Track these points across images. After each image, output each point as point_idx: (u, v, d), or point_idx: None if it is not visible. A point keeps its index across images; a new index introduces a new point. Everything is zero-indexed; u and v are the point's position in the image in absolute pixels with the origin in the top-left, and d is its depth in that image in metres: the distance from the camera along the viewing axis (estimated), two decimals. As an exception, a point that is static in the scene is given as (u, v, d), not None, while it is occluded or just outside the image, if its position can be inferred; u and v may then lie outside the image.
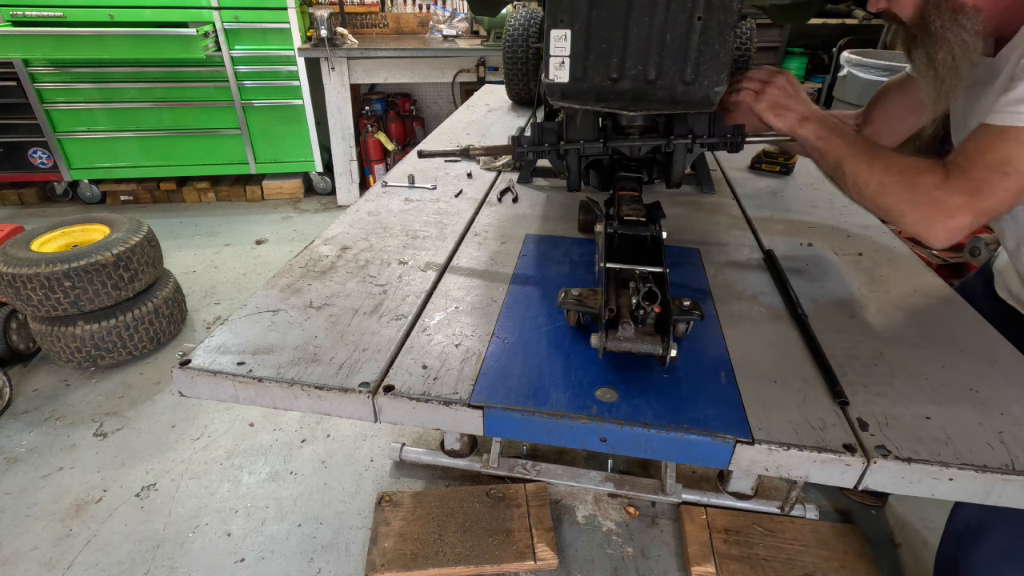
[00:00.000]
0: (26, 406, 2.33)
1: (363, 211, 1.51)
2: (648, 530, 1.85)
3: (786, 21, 2.86)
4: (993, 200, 0.90)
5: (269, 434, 2.20)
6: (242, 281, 3.30)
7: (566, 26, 0.98)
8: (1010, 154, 0.88)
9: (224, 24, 3.67)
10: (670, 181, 1.21)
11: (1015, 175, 0.88)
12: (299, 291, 1.14)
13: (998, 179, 0.89)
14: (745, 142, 1.16)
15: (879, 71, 3.52)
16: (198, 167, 4.19)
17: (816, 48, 4.87)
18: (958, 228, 0.93)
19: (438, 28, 4.27)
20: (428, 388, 0.89)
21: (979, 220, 0.93)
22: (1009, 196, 0.90)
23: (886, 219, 1.00)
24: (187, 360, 0.93)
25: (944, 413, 0.86)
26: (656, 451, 0.84)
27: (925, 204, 0.94)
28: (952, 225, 0.93)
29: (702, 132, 1.15)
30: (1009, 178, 0.89)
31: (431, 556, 1.66)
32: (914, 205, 0.96)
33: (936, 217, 0.93)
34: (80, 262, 2.24)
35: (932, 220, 0.94)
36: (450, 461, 2.02)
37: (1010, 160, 0.88)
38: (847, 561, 1.67)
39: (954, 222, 0.92)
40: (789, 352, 0.99)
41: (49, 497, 1.94)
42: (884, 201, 0.99)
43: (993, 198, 0.90)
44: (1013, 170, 0.88)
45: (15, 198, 4.21)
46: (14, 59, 3.58)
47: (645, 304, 0.85)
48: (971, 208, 0.91)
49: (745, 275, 1.26)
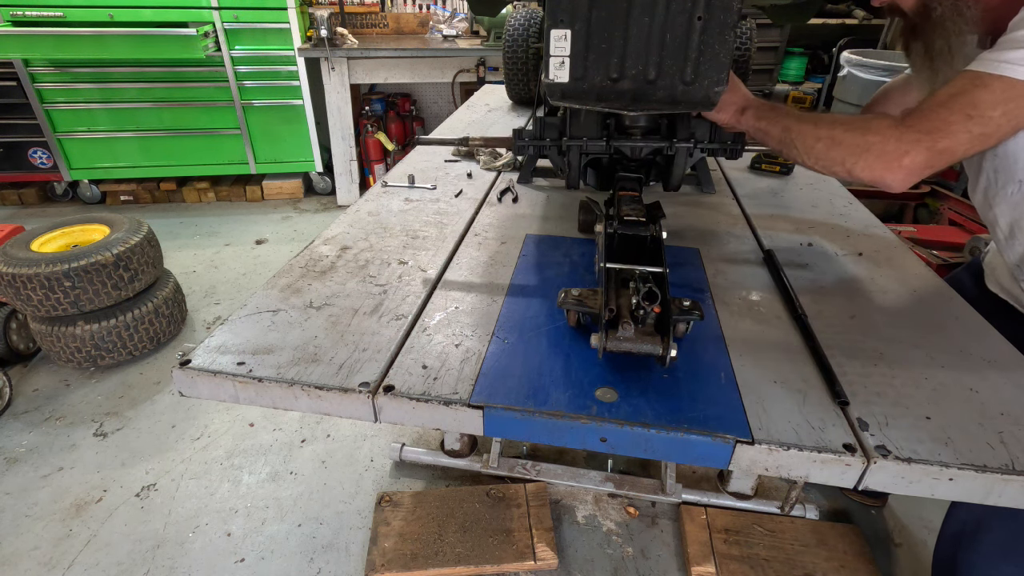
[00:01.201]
0: (26, 406, 2.33)
1: (363, 211, 1.51)
2: (648, 530, 1.85)
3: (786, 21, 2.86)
4: (951, 140, 0.90)
5: (269, 434, 2.20)
6: (242, 281, 3.30)
7: (566, 26, 0.98)
8: (977, 99, 0.89)
9: (224, 24, 3.68)
10: (669, 184, 1.22)
11: (979, 119, 0.88)
12: (299, 291, 1.14)
13: (960, 120, 0.89)
14: (744, 150, 1.17)
15: (879, 71, 3.52)
16: (198, 167, 4.19)
17: (816, 48, 4.87)
18: (914, 165, 0.92)
19: (438, 28, 4.27)
20: (428, 388, 0.89)
21: (935, 161, 0.92)
22: (968, 140, 0.90)
23: (841, 173, 0.98)
24: (187, 360, 0.93)
25: (944, 413, 0.86)
26: (656, 451, 0.84)
27: (878, 144, 0.94)
28: (907, 162, 0.92)
29: (704, 137, 1.15)
30: (972, 121, 0.89)
31: (431, 556, 1.66)
32: (866, 149, 0.95)
33: (891, 154, 0.93)
34: (80, 262, 2.24)
35: (887, 157, 0.93)
36: (450, 461, 2.02)
37: (976, 104, 0.89)
38: (847, 561, 1.67)
39: (909, 159, 0.92)
40: (789, 352, 0.99)
41: (49, 497, 1.94)
42: (837, 153, 0.98)
43: (951, 138, 0.90)
44: (977, 113, 0.88)
45: (15, 198, 4.21)
46: (14, 59, 3.58)
47: (645, 304, 0.85)
48: (927, 145, 0.91)
49: (745, 275, 1.26)
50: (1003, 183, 1.08)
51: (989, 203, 1.14)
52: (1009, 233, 1.13)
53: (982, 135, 0.89)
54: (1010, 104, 0.88)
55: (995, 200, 1.12)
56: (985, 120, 0.88)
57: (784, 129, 1.05)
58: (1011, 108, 0.88)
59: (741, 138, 1.16)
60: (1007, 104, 0.88)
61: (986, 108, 0.88)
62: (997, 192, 1.10)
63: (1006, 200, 1.10)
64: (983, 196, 1.15)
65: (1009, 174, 1.06)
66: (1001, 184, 1.09)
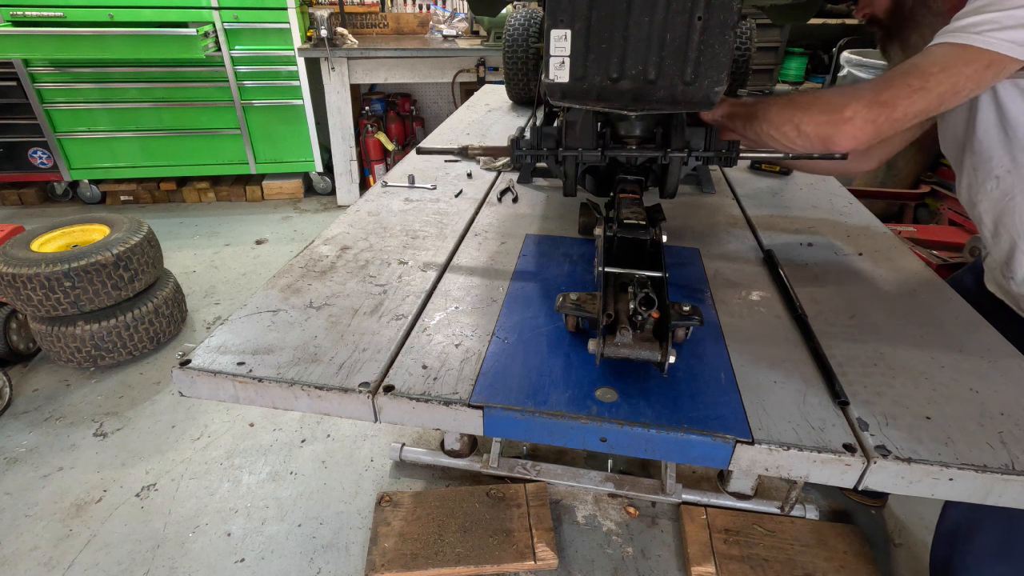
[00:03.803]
0: (26, 406, 2.33)
1: (363, 211, 1.51)
2: (648, 530, 1.85)
3: (786, 21, 2.87)
4: (891, 92, 0.93)
5: (269, 434, 2.20)
6: (242, 281, 3.30)
7: (566, 26, 0.98)
8: (920, 62, 0.92)
9: (224, 24, 3.68)
10: (665, 192, 1.22)
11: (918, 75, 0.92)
12: (299, 291, 1.14)
13: (900, 76, 0.93)
14: (739, 157, 1.18)
15: (879, 71, 3.51)
16: (198, 167, 4.19)
17: (816, 48, 4.87)
18: (855, 117, 0.95)
19: (438, 28, 4.27)
20: (428, 388, 0.89)
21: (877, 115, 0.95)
22: (909, 93, 0.92)
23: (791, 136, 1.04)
24: (187, 360, 0.93)
25: (944, 413, 0.86)
26: (656, 451, 0.84)
27: (823, 98, 1.00)
28: (848, 114, 0.96)
29: (698, 146, 1.15)
30: (911, 76, 0.92)
31: (431, 556, 1.66)
32: (812, 103, 1.01)
33: (834, 107, 0.97)
34: (80, 262, 2.24)
35: (831, 111, 0.97)
36: (450, 461, 2.02)
37: (917, 65, 0.92)
38: (847, 561, 1.67)
39: (850, 110, 0.95)
40: (789, 352, 0.99)
41: (49, 497, 1.94)
42: (788, 112, 1.03)
43: (891, 90, 0.93)
44: (918, 72, 0.92)
45: (15, 198, 4.21)
46: (14, 59, 3.58)
47: (642, 310, 0.85)
48: (869, 98, 0.95)
49: (745, 274, 1.26)
50: (982, 179, 1.09)
51: (973, 201, 1.15)
52: (994, 230, 1.14)
53: (922, 89, 0.92)
54: (949, 66, 0.90)
55: (977, 197, 1.13)
56: (925, 75, 0.91)
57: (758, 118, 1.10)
58: (950, 69, 0.90)
59: (736, 146, 1.17)
60: (945, 64, 0.91)
61: (927, 66, 0.92)
62: (978, 189, 1.11)
63: (987, 197, 1.10)
64: (967, 194, 1.17)
65: (987, 170, 1.07)
66: (981, 180, 1.10)
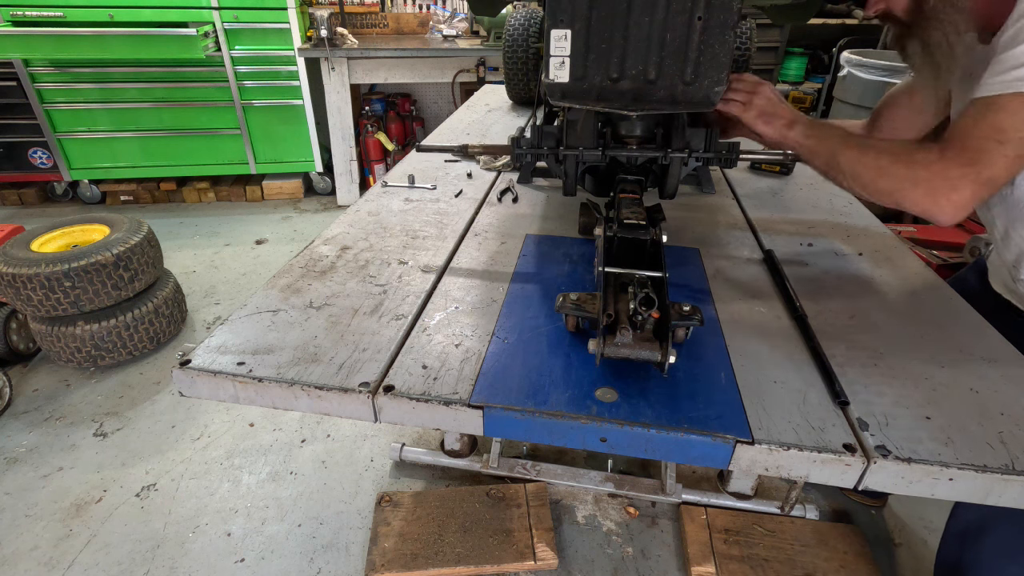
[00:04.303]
0: (26, 406, 2.33)
1: (363, 211, 1.51)
2: (648, 530, 1.85)
3: (786, 21, 2.86)
4: (992, 169, 0.91)
5: (269, 434, 2.20)
6: (242, 281, 3.30)
7: (566, 26, 0.98)
8: (1001, 123, 0.89)
9: (224, 24, 3.67)
10: (664, 192, 1.22)
11: (1010, 142, 0.89)
12: (299, 291, 1.14)
13: (994, 147, 0.90)
14: (739, 158, 1.17)
15: (879, 71, 3.52)
16: (198, 167, 4.19)
17: (816, 48, 4.87)
18: (962, 201, 0.93)
19: (438, 28, 4.27)
20: (428, 388, 0.89)
21: (981, 192, 0.93)
22: (1008, 163, 0.90)
23: (888, 203, 1.00)
24: (187, 360, 0.93)
25: (944, 413, 0.86)
26: (656, 451, 0.84)
27: (925, 180, 0.95)
28: (956, 198, 0.93)
29: (698, 147, 1.15)
30: (1004, 146, 0.89)
31: (431, 556, 1.66)
32: (915, 182, 0.96)
33: (940, 191, 0.94)
34: (80, 262, 2.24)
35: (936, 194, 0.94)
36: (450, 461, 2.02)
37: (1003, 129, 0.89)
38: (847, 561, 1.67)
39: (957, 195, 0.93)
40: (789, 352, 0.99)
41: (49, 497, 1.94)
42: (884, 184, 0.99)
43: (992, 166, 0.91)
44: (1007, 138, 0.89)
45: (15, 198, 4.21)
46: (14, 59, 3.58)
47: (642, 310, 0.85)
48: (972, 178, 0.92)
49: (745, 275, 1.26)
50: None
51: (987, 204, 1.14)
52: (1004, 234, 1.14)
53: (1017, 157, 0.90)
54: None
55: (992, 201, 1.12)
56: (1017, 142, 0.89)
57: (831, 154, 1.05)
58: None
59: (736, 147, 1.17)
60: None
61: (1012, 130, 0.89)
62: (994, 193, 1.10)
63: (1002, 201, 1.10)
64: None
65: None
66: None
